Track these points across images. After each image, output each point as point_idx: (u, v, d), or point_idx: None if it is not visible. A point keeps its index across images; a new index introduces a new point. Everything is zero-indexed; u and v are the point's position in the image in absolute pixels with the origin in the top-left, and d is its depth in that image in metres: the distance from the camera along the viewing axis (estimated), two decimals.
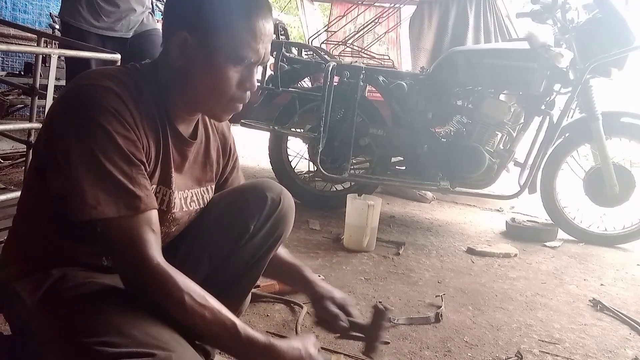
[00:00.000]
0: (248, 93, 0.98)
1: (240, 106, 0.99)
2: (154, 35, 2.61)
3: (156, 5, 2.55)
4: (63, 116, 0.87)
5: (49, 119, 0.91)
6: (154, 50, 2.51)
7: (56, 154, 0.86)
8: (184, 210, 1.07)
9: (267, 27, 0.93)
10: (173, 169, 1.01)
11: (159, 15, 2.99)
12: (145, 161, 0.90)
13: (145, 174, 0.90)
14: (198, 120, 1.09)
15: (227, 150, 1.20)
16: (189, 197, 1.09)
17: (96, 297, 0.87)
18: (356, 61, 4.27)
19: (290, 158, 3.37)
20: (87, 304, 0.85)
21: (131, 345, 0.79)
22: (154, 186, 0.98)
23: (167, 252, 0.93)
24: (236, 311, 1.29)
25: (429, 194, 3.85)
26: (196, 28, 0.91)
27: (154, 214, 0.88)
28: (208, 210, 1.18)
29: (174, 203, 1.03)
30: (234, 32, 0.90)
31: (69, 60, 2.53)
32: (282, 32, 3.91)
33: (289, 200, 1.20)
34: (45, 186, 0.91)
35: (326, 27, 6.01)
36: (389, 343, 1.60)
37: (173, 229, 1.08)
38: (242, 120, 3.19)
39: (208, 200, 1.16)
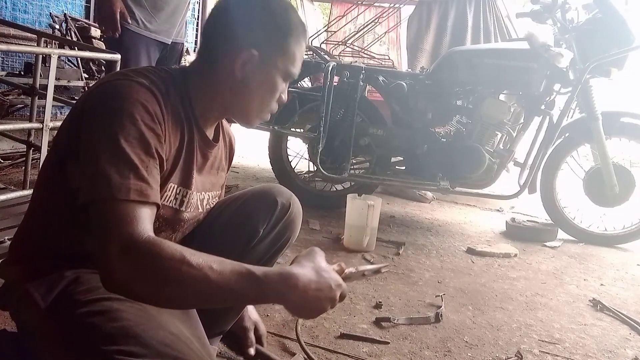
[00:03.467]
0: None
1: (270, 115, 1.08)
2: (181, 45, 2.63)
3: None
4: (95, 107, 0.89)
5: (79, 110, 0.91)
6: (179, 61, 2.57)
7: (81, 141, 0.86)
8: (198, 210, 1.11)
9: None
10: (195, 170, 1.04)
11: None
12: (164, 158, 0.91)
13: (159, 170, 0.89)
14: (218, 125, 1.13)
15: (230, 160, 1.24)
16: (205, 199, 1.12)
17: (110, 302, 0.86)
18: (356, 61, 4.27)
19: (290, 158, 3.37)
20: (103, 310, 0.85)
21: (149, 355, 0.79)
22: (173, 185, 0.99)
23: None
24: (240, 311, 1.30)
25: (429, 194, 3.85)
26: (263, 48, 0.99)
27: (155, 210, 0.85)
28: (219, 213, 1.21)
29: (190, 203, 1.06)
30: (292, 53, 1.02)
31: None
32: None
33: (297, 206, 1.27)
34: (64, 180, 0.91)
35: (326, 27, 6.01)
36: (389, 343, 1.60)
37: (185, 227, 1.10)
38: None
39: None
